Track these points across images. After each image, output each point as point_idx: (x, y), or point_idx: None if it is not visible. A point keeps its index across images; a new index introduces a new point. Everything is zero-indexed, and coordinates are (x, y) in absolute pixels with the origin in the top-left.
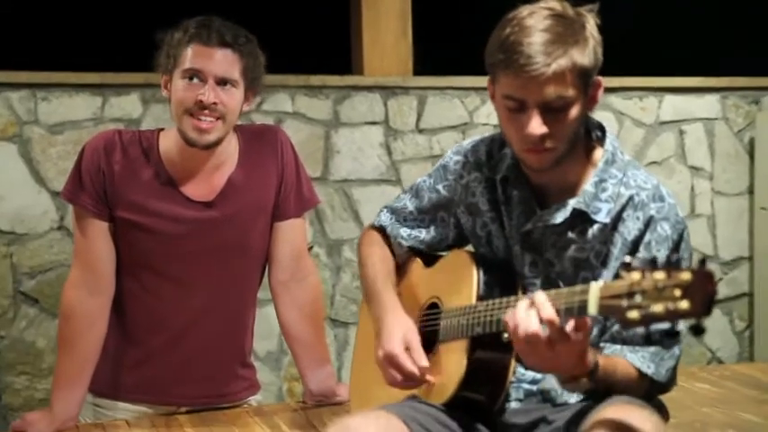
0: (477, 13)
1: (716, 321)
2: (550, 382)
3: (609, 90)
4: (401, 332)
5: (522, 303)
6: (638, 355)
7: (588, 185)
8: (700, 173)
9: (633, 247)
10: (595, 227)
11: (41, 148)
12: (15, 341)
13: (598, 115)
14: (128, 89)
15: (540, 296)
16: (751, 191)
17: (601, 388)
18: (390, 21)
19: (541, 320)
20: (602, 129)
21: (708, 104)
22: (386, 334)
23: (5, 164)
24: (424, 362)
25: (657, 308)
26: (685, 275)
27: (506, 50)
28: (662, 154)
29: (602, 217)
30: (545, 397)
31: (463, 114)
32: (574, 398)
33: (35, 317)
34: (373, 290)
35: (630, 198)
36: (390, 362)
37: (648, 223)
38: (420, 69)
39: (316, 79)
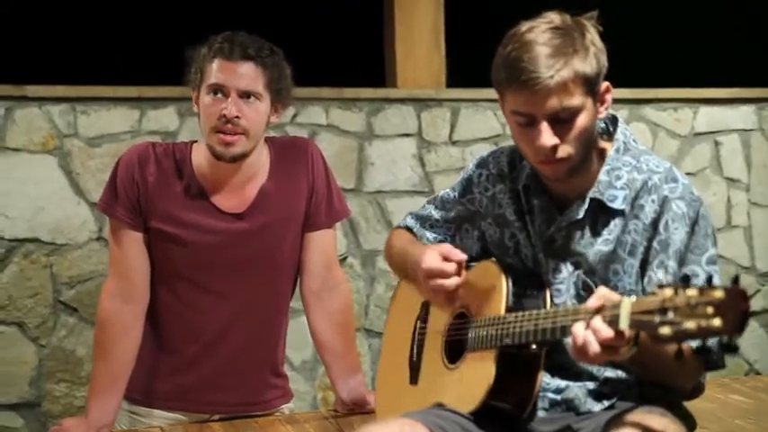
0: (509, 26)
1: (753, 333)
2: (574, 392)
3: (643, 101)
4: (434, 249)
5: (580, 326)
6: None
7: (602, 174)
8: (736, 184)
9: (653, 230)
10: (617, 218)
11: (80, 161)
12: (55, 349)
13: (632, 127)
14: (164, 102)
15: (597, 321)
16: None
17: (647, 354)
18: (423, 33)
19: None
20: (613, 121)
21: (743, 115)
22: (420, 261)
23: (46, 176)
24: (462, 256)
25: (690, 325)
26: (718, 293)
27: (509, 67)
28: (697, 165)
29: (619, 204)
30: (569, 406)
31: (496, 126)
32: (597, 407)
33: (74, 326)
34: (404, 252)
35: (644, 183)
36: (430, 276)
37: (663, 203)
38: (453, 82)
39: (349, 92)
